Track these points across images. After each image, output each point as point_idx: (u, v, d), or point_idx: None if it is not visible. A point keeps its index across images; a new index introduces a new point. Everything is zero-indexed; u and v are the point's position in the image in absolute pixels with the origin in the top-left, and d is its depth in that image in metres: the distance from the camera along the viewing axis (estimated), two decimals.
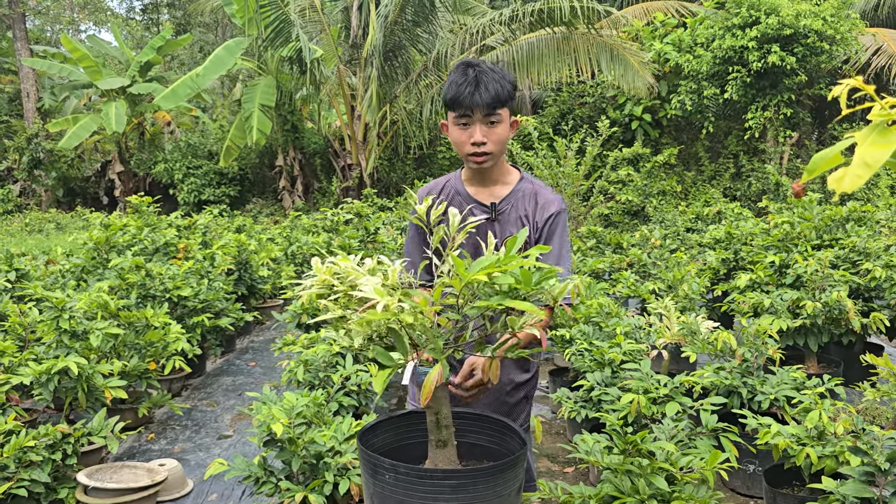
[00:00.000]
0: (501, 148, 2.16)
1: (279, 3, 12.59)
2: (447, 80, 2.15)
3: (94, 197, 19.91)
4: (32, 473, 3.20)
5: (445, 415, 1.67)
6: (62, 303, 4.12)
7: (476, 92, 2.07)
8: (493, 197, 2.22)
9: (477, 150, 2.12)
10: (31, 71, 20.04)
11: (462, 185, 2.25)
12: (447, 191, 2.26)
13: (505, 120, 2.14)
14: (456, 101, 2.09)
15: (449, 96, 2.12)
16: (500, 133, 2.13)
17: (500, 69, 2.14)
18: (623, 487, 2.47)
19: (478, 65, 2.12)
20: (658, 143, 15.29)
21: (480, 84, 2.07)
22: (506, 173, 2.25)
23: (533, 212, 2.19)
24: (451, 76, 2.14)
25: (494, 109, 2.09)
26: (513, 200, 2.21)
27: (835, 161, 1.02)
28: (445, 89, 2.14)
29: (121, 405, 4.61)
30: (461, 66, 2.14)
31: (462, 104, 2.08)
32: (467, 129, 2.12)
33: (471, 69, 2.11)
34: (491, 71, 2.11)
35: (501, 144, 2.15)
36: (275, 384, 5.48)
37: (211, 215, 9.43)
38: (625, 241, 8.34)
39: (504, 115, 2.13)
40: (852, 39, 12.28)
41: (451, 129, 2.17)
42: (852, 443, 2.77)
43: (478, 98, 2.06)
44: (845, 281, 5.06)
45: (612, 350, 4.03)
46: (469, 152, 2.13)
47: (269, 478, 2.93)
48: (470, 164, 2.18)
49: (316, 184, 17.79)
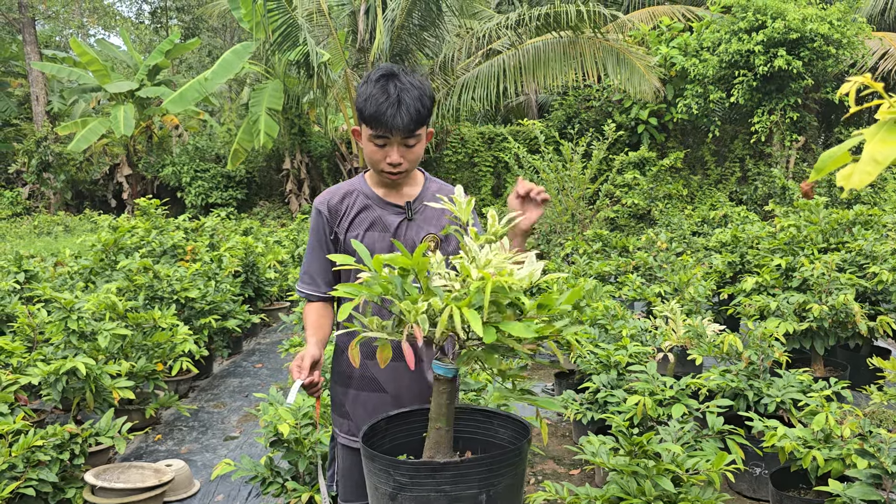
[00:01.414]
0: (416, 164, 2.10)
1: (287, 8, 12.63)
2: (364, 90, 2.00)
3: (102, 200, 20.00)
4: (40, 473, 3.22)
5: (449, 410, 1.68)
6: (70, 304, 4.14)
7: (397, 115, 1.95)
8: (405, 197, 2.15)
9: (393, 170, 2.05)
10: (40, 74, 20.17)
11: (370, 189, 2.16)
12: (354, 195, 2.17)
13: (423, 138, 2.05)
14: (375, 119, 1.97)
15: (367, 113, 1.98)
16: (417, 152, 2.05)
17: (420, 83, 2.02)
18: (629, 489, 2.47)
19: (398, 77, 1.99)
20: (664, 146, 15.28)
21: (402, 106, 1.95)
22: (413, 174, 2.19)
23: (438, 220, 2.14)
24: (370, 88, 1.99)
25: (414, 132, 2.00)
26: (426, 198, 2.15)
27: (843, 160, 1.02)
28: (362, 101, 1.99)
29: (128, 406, 4.63)
30: (381, 79, 1.99)
31: (381, 125, 1.96)
32: (383, 149, 2.02)
33: (391, 84, 1.97)
34: (412, 87, 1.98)
35: (417, 161, 2.09)
36: (281, 385, 5.50)
37: (218, 218, 9.47)
38: (631, 245, 8.33)
39: (422, 133, 2.04)
40: (859, 43, 12.26)
41: (364, 143, 2.06)
42: (859, 445, 2.77)
43: (398, 122, 1.95)
44: (852, 284, 5.04)
45: (618, 352, 4.03)
46: (385, 170, 2.05)
47: (276, 478, 2.95)
48: (383, 178, 2.10)
49: (323, 187, 17.84)
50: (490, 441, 1.88)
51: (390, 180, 2.08)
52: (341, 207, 2.14)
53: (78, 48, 17.41)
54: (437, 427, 1.67)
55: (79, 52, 17.45)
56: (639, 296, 5.98)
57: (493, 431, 1.89)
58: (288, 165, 17.59)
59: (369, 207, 2.13)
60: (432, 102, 2.05)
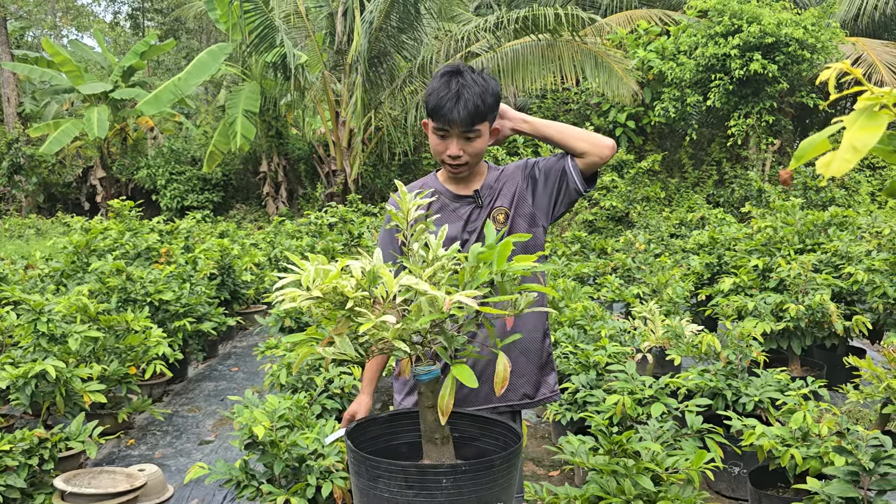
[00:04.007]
0: (479, 158, 2.16)
1: (264, 9, 12.54)
2: (431, 85, 2.12)
3: (75, 203, 19.71)
4: (8, 479, 3.14)
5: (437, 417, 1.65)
6: (40, 305, 4.05)
7: (455, 108, 2.04)
8: (474, 187, 2.22)
9: (453, 162, 2.12)
10: (11, 75, 19.84)
11: (441, 184, 2.24)
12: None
13: (484, 133, 2.12)
14: (436, 112, 2.07)
15: (430, 106, 2.09)
16: (477, 147, 2.11)
17: (483, 80, 2.09)
18: (609, 488, 2.45)
19: (462, 74, 2.08)
20: (642, 149, 15.37)
21: (460, 100, 2.03)
22: (479, 167, 2.26)
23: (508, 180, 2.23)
24: (435, 83, 2.10)
25: (472, 126, 2.07)
26: (490, 183, 2.22)
27: (822, 147, 1.01)
28: (428, 94, 2.11)
29: (100, 410, 4.54)
30: (445, 75, 2.10)
31: (441, 118, 2.06)
32: (444, 141, 2.11)
33: (454, 80, 2.06)
34: (474, 83, 2.06)
35: (479, 156, 2.14)
36: (257, 389, 5.43)
37: (194, 220, 9.36)
38: (609, 246, 8.36)
39: (483, 129, 2.10)
40: (833, 48, 12.43)
41: (430, 135, 2.16)
42: (837, 443, 2.77)
43: (456, 115, 2.04)
44: (828, 284, 5.08)
45: (597, 353, 4.02)
46: (446, 161, 2.14)
47: (251, 481, 2.89)
48: (447, 171, 2.20)
49: (300, 190, 17.73)
50: (469, 445, 1.85)
51: (452, 173, 2.17)
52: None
53: (51, 48, 17.15)
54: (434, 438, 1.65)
55: (51, 53, 17.20)
56: (617, 297, 5.98)
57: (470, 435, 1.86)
58: (265, 168, 17.46)
59: (442, 202, 2.20)
60: (496, 100, 2.11)
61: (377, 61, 13.53)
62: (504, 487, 1.59)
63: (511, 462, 1.61)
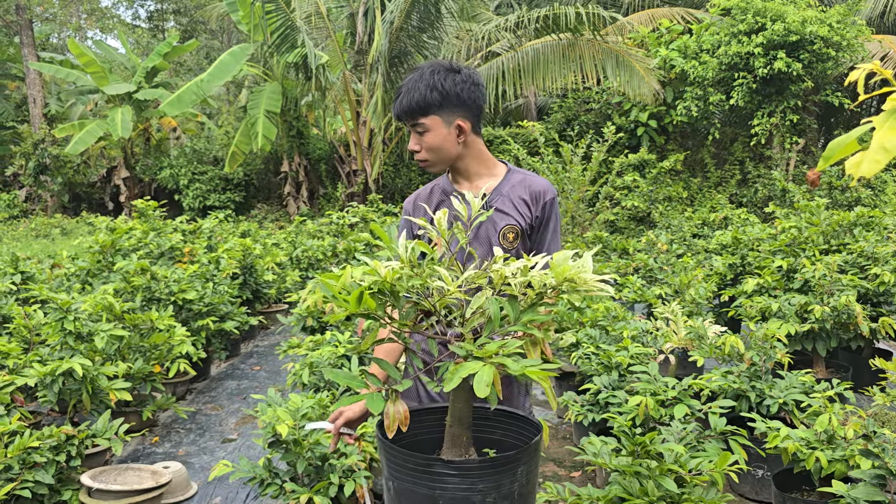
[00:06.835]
0: (440, 154, 2.10)
1: (285, 10, 12.62)
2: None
3: (99, 202, 19.94)
4: (36, 475, 3.19)
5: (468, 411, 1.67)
6: (67, 304, 4.11)
7: (396, 103, 2.08)
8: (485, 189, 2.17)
9: (415, 158, 2.13)
10: (37, 76, 20.12)
11: (450, 184, 2.20)
12: (436, 193, 2.22)
13: (434, 127, 2.06)
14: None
15: None
16: (429, 141, 2.07)
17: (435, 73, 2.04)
18: (632, 489, 2.44)
19: (423, 70, 2.07)
20: (664, 149, 15.26)
21: (402, 95, 2.06)
22: (490, 166, 2.19)
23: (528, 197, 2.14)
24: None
25: (415, 119, 2.06)
26: (504, 188, 2.14)
27: (851, 148, 1.00)
28: None
29: (125, 408, 4.59)
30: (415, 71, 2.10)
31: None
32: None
33: (414, 76, 2.07)
34: (421, 77, 2.04)
35: (438, 151, 2.09)
36: (279, 388, 5.46)
37: (216, 220, 9.43)
38: (631, 247, 8.32)
39: (430, 122, 2.06)
40: (858, 46, 12.26)
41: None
42: (863, 446, 2.74)
43: (394, 110, 2.09)
44: (854, 286, 5.02)
45: (619, 354, 4.00)
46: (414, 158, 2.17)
47: (274, 479, 2.91)
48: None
49: (321, 190, 17.80)
50: (490, 439, 1.85)
51: (421, 168, 2.18)
52: (421, 206, 2.19)
53: (76, 49, 17.36)
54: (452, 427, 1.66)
55: (77, 54, 17.40)
56: (639, 297, 5.95)
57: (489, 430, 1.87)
58: (286, 168, 17.55)
59: (446, 202, 2.17)
60: (442, 93, 2.03)
61: (398, 61, 13.56)
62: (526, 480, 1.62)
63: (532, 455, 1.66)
